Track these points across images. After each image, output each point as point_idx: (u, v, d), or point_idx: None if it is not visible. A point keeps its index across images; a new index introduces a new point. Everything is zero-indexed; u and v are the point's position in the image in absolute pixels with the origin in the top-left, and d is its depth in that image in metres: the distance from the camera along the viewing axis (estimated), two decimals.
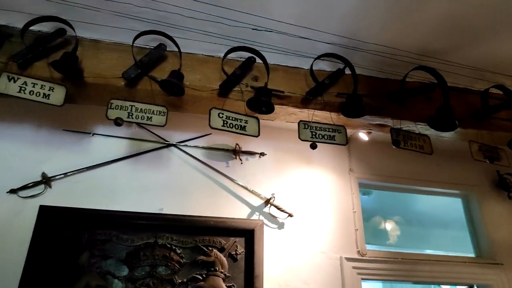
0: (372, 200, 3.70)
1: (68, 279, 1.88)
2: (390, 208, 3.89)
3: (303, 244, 2.28)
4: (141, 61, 1.72)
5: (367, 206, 2.85)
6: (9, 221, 1.97)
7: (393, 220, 3.96)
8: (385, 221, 3.92)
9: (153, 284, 1.96)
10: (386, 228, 3.95)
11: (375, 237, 3.90)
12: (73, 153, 2.23)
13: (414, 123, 1.97)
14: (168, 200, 2.22)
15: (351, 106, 1.83)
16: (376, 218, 3.83)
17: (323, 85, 1.87)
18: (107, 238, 2.01)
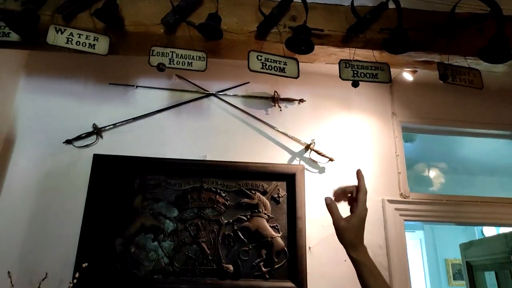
0: (415, 147, 3.62)
1: (125, 220, 2.04)
2: (434, 155, 3.80)
3: None
4: (178, 5, 1.72)
5: (410, 153, 2.79)
6: (68, 169, 2.15)
7: (436, 167, 3.87)
8: (428, 168, 3.84)
9: (201, 224, 2.09)
10: (430, 176, 3.87)
11: (418, 185, 3.85)
12: (120, 105, 2.33)
13: (464, 58, 1.85)
14: (211, 147, 2.30)
15: (395, 41, 1.74)
16: (419, 165, 3.76)
17: (365, 20, 1.78)
18: (157, 183, 2.14)
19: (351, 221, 1.09)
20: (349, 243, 1.08)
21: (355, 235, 1.07)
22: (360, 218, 1.09)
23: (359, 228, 1.09)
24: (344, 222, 1.10)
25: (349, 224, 1.09)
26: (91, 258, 1.88)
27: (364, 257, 1.05)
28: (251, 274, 2.02)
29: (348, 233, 1.08)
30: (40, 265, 1.88)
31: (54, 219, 2.02)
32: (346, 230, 1.08)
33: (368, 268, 1.03)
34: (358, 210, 1.09)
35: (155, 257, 1.99)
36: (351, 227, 1.08)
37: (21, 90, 2.27)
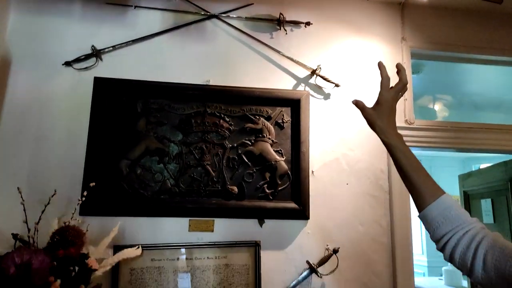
0: (421, 79, 3.54)
1: (129, 143, 2.05)
2: (439, 88, 3.73)
3: (349, 114, 2.28)
4: None
5: (415, 85, 2.72)
6: (69, 92, 2.11)
7: (441, 101, 3.83)
8: (433, 101, 3.80)
9: (206, 148, 2.10)
10: (434, 109, 3.84)
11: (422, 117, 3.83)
12: (119, 27, 2.23)
13: None
14: (214, 72, 2.24)
15: None
16: (424, 98, 3.72)
17: None
18: (160, 107, 2.12)
19: (378, 108, 1.15)
20: (379, 129, 1.13)
21: (382, 120, 1.13)
22: (386, 102, 1.14)
23: (387, 113, 1.14)
24: (370, 109, 1.16)
25: (376, 111, 1.15)
26: (98, 178, 1.91)
27: (395, 140, 1.09)
28: (255, 195, 2.07)
29: (377, 119, 1.13)
30: (49, 184, 1.92)
31: (59, 141, 2.03)
32: (374, 116, 1.14)
33: (399, 149, 1.07)
34: (381, 95, 1.15)
35: (161, 179, 2.03)
36: (379, 113, 1.13)
37: (14, 10, 2.16)
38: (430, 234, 1.01)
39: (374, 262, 2.10)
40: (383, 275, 2.10)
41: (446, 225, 0.96)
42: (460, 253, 0.93)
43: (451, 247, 0.95)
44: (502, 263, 0.84)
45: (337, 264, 2.00)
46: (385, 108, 1.13)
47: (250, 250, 2.01)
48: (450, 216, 0.96)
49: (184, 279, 1.93)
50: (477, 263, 0.90)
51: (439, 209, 0.98)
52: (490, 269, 0.87)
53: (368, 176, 2.20)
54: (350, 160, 2.21)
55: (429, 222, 1.00)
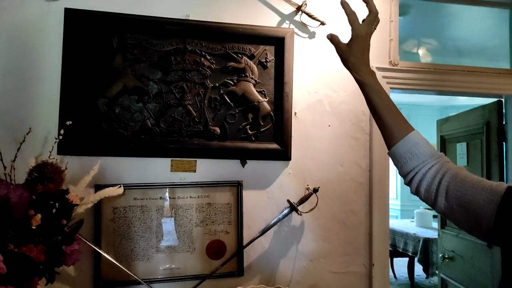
0: (407, 21, 3.47)
1: (105, 81, 1.95)
2: (424, 31, 3.68)
3: (334, 55, 2.15)
4: None
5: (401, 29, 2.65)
6: (37, 24, 1.95)
7: (425, 45, 3.79)
8: (418, 46, 3.76)
9: (186, 87, 2.03)
10: (418, 53, 3.82)
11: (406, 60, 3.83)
12: None
13: None
14: (194, 5, 2.11)
15: None
16: (410, 41, 3.67)
17: None
18: (137, 43, 2.00)
19: (351, 44, 1.12)
20: (352, 66, 1.12)
21: (356, 57, 1.10)
22: (360, 38, 1.10)
23: (361, 50, 1.10)
24: (344, 45, 1.14)
25: (349, 47, 1.12)
26: (74, 117, 1.84)
27: (368, 78, 1.10)
28: (238, 136, 2.06)
29: (350, 56, 1.11)
30: (23, 123, 1.85)
31: (30, 77, 1.92)
32: (347, 52, 1.12)
33: (371, 87, 1.09)
34: (355, 29, 1.11)
35: (141, 118, 1.98)
36: (352, 50, 1.13)
37: None
38: (399, 169, 1.06)
39: (352, 201, 2.18)
40: (360, 213, 2.19)
41: (413, 160, 1.00)
42: (426, 186, 0.99)
43: (418, 180, 1.01)
44: (462, 192, 0.91)
45: (316, 202, 2.07)
46: (359, 44, 1.11)
47: (232, 190, 2.04)
48: (418, 152, 1.00)
49: (167, 223, 1.97)
50: (440, 194, 0.97)
51: (407, 145, 1.01)
52: (451, 199, 0.94)
53: (350, 118, 2.21)
54: (332, 101, 2.20)
55: (398, 158, 1.04)
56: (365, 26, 1.12)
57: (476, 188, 0.90)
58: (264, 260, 2.07)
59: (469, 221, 0.91)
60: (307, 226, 2.11)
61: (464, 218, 0.92)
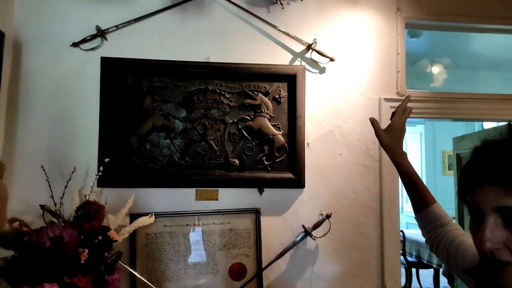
0: (421, 42, 3.57)
1: (137, 120, 2.21)
2: (438, 50, 3.77)
3: (343, 87, 2.40)
4: None
5: (414, 49, 2.79)
6: (78, 72, 2.23)
7: (440, 63, 3.87)
8: (432, 64, 3.84)
9: (208, 124, 2.25)
10: (433, 72, 3.90)
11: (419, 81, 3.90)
12: (120, 5, 2.29)
13: None
14: (214, 48, 2.33)
15: None
16: (423, 61, 3.76)
17: None
18: (164, 85, 2.25)
19: (389, 131, 1.39)
20: (388, 148, 1.38)
21: (391, 140, 1.37)
22: (394, 126, 1.39)
23: (395, 136, 1.37)
24: (382, 131, 1.41)
25: (387, 134, 1.38)
26: (111, 154, 2.10)
27: (400, 158, 1.34)
28: (255, 167, 2.26)
29: (387, 140, 1.37)
30: (68, 161, 2.12)
31: (73, 119, 2.19)
32: (385, 138, 1.38)
33: (403, 166, 1.33)
34: (393, 120, 1.41)
35: (168, 153, 2.21)
36: (389, 136, 1.37)
37: None
38: (422, 232, 1.33)
39: (364, 225, 2.33)
40: (371, 236, 2.33)
41: (433, 229, 1.27)
42: (439, 249, 1.25)
43: (435, 244, 1.27)
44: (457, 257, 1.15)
45: (329, 227, 2.23)
46: (396, 132, 1.38)
47: (251, 216, 2.24)
48: (436, 222, 1.26)
49: (193, 247, 2.18)
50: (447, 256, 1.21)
51: (429, 216, 1.28)
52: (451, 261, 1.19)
53: (360, 147, 2.36)
54: (343, 132, 2.36)
55: (421, 223, 1.32)
56: (401, 119, 1.39)
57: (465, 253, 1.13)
58: (281, 282, 2.25)
59: None
60: (321, 249, 2.28)
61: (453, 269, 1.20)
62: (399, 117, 1.40)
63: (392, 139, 1.36)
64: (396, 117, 1.40)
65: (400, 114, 1.41)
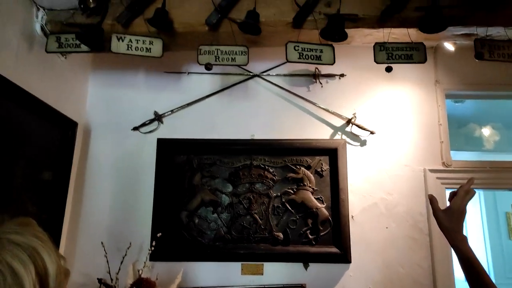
0: (466, 106, 3.52)
1: (187, 195, 2.36)
2: (486, 113, 3.67)
3: (386, 159, 2.42)
4: (220, 5, 1.88)
5: (460, 113, 2.79)
6: (137, 152, 2.48)
7: (490, 125, 3.75)
8: (481, 126, 3.73)
9: (253, 198, 2.35)
10: (484, 134, 3.78)
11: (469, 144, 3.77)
12: (175, 92, 2.59)
13: (504, 29, 1.83)
14: (258, 126, 2.50)
15: (430, 20, 1.76)
16: (471, 125, 3.67)
17: (400, 2, 1.82)
18: (212, 162, 2.42)
19: (448, 212, 1.27)
20: (447, 231, 1.26)
21: (451, 223, 1.25)
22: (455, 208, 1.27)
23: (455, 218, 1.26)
24: (441, 212, 1.29)
25: (447, 215, 1.27)
26: (163, 228, 2.24)
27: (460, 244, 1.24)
28: (299, 241, 2.27)
29: (445, 221, 1.26)
30: (124, 236, 2.29)
31: (130, 196, 2.40)
32: (443, 219, 1.26)
33: (462, 252, 1.21)
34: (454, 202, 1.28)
35: (216, 227, 2.31)
36: (449, 217, 1.25)
37: (92, 84, 2.60)
38: None
39: None
40: None
41: None
42: None
43: None
44: None
45: None
46: (456, 215, 1.27)
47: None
48: None
49: None
50: None
51: None
52: None
53: (407, 220, 2.31)
54: (388, 204, 2.34)
55: None
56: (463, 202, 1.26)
57: None
58: None
59: None
60: None
61: None
62: (461, 199, 1.27)
63: (452, 222, 1.25)
64: (458, 199, 1.28)
65: (462, 196, 1.27)
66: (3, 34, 1.73)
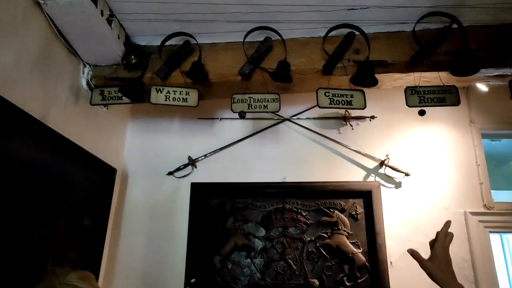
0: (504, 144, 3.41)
1: (220, 240, 2.36)
2: None
3: (423, 201, 2.35)
4: (252, 57, 1.97)
5: (500, 150, 2.71)
6: (171, 197, 2.54)
7: None
8: None
9: (286, 242, 2.32)
10: None
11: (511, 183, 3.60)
12: (208, 137, 2.67)
13: None
14: (290, 169, 2.51)
15: (461, 64, 1.77)
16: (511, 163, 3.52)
17: (429, 46, 1.85)
18: (244, 206, 2.43)
19: (434, 261, 1.22)
20: (440, 281, 1.19)
21: (442, 272, 1.19)
22: (440, 255, 1.22)
23: (444, 267, 1.20)
24: (428, 262, 1.23)
25: (434, 264, 1.22)
26: (196, 273, 2.24)
27: None
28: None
29: (437, 271, 1.20)
30: (158, 280, 2.30)
31: (165, 240, 2.43)
32: (434, 269, 1.21)
33: None
34: (436, 249, 1.24)
35: (249, 273, 2.28)
36: (437, 266, 1.20)
37: (129, 132, 2.74)
38: None
39: None
40: None
41: None
42: None
43: None
44: None
45: None
46: (443, 261, 1.21)
47: None
48: None
49: None
50: None
51: None
52: None
53: None
54: (428, 249, 2.22)
55: None
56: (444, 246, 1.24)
57: None
58: None
59: None
60: None
61: None
62: (442, 244, 1.24)
63: (442, 270, 1.19)
64: (439, 245, 1.24)
65: (442, 240, 1.25)
66: (54, 89, 1.88)
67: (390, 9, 1.79)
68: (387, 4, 1.77)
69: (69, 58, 2.00)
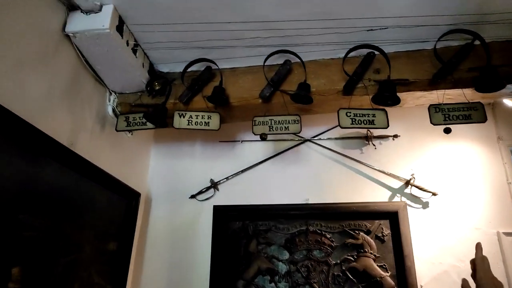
0: None
1: (243, 264, 2.33)
2: None
3: (453, 222, 2.27)
4: (272, 80, 2.00)
5: None
6: (194, 220, 2.54)
7: None
8: None
9: (311, 266, 2.27)
10: None
11: None
12: (230, 159, 2.69)
13: None
14: (312, 190, 2.49)
15: (485, 80, 1.74)
16: None
17: (451, 64, 1.83)
18: (267, 228, 2.40)
19: None
20: None
21: None
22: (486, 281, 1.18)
23: None
24: None
25: None
26: None
27: None
28: None
29: None
30: None
31: (188, 264, 2.42)
32: None
33: None
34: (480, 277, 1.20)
35: None
36: None
37: (153, 156, 2.79)
38: None
39: None
40: None
41: None
42: None
43: None
44: None
45: None
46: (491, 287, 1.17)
47: None
48: None
49: None
50: None
51: None
52: None
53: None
54: (461, 272, 2.14)
55: None
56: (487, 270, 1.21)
57: None
58: None
59: None
60: None
61: None
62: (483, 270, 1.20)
63: None
64: (481, 273, 1.20)
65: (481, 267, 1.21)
66: (81, 117, 1.95)
67: (410, 28, 1.79)
68: (406, 24, 1.77)
69: (96, 87, 2.07)
